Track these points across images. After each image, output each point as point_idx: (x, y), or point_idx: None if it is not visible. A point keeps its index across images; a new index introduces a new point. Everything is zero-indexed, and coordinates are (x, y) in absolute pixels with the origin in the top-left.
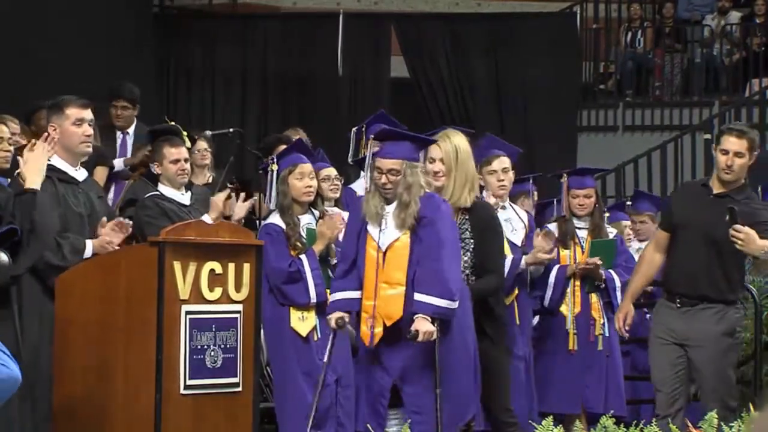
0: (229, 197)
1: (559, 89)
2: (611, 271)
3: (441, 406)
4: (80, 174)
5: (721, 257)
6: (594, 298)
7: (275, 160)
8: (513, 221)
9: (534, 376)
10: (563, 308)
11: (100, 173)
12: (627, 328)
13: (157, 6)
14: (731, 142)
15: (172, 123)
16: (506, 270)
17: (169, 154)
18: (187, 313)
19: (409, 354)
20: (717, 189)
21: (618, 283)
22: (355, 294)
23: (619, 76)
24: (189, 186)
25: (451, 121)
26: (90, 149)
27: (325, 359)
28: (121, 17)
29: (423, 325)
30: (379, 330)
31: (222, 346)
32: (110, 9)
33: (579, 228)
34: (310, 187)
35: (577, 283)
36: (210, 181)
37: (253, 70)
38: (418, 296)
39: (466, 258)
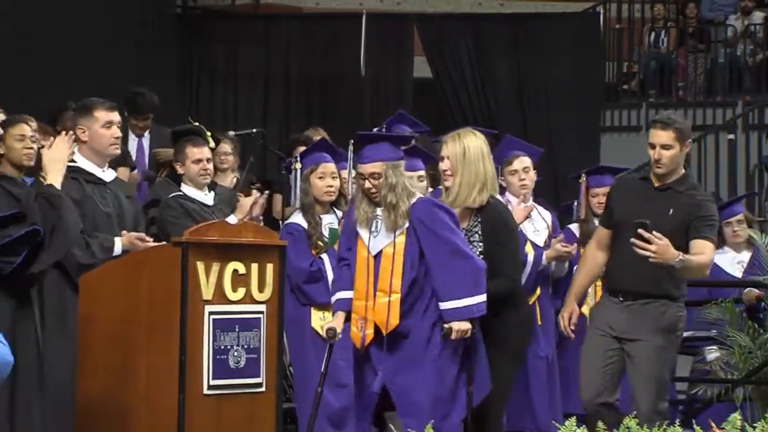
0: (256, 201)
1: (582, 89)
2: None
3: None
4: (108, 175)
5: None
6: None
7: (299, 158)
8: (536, 222)
9: (558, 376)
10: (585, 308)
11: (122, 174)
12: (572, 327)
13: (180, 7)
14: (657, 135)
15: (196, 123)
16: (528, 268)
17: (192, 154)
18: (211, 313)
19: (401, 355)
20: (657, 182)
21: None
22: (349, 294)
23: (643, 76)
24: (212, 186)
25: (474, 122)
26: (119, 151)
27: (322, 369)
28: (144, 18)
29: (457, 323)
30: (370, 332)
31: (245, 346)
32: (133, 10)
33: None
34: (332, 187)
35: (599, 282)
36: (235, 182)
37: (276, 71)
38: (443, 305)
39: None
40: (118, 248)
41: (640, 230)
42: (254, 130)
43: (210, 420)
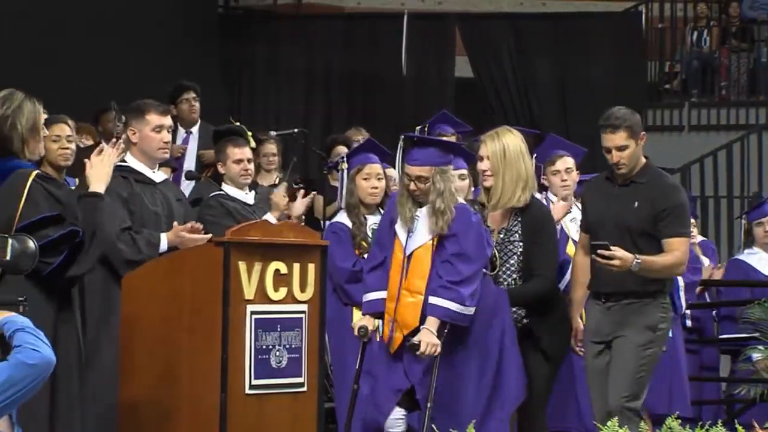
0: (288, 195)
1: (624, 89)
2: None
3: (430, 419)
4: (158, 176)
5: (638, 247)
6: None
7: (345, 158)
8: (579, 221)
9: None
10: None
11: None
12: (580, 344)
13: (222, 7)
14: (609, 139)
15: (237, 123)
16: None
17: (233, 154)
18: (253, 313)
19: (434, 361)
20: (620, 180)
21: (681, 283)
22: (385, 294)
23: (685, 76)
24: (253, 186)
25: (515, 121)
26: (167, 155)
27: (357, 366)
28: (186, 18)
29: (427, 337)
30: (398, 335)
31: (287, 346)
32: (175, 10)
33: None
34: (376, 188)
35: None
36: (277, 182)
37: (318, 70)
38: (431, 299)
39: (512, 262)
40: (164, 244)
41: (600, 251)
42: (296, 130)
43: (252, 420)
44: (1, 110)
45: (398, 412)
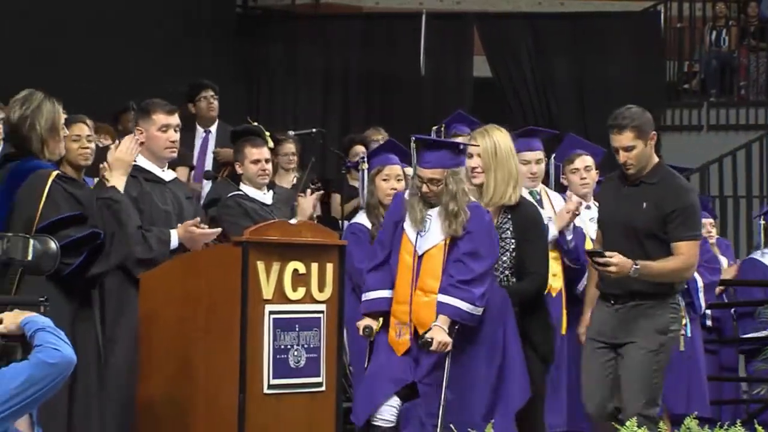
0: (315, 202)
1: (643, 88)
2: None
3: (444, 416)
4: (167, 174)
5: (645, 248)
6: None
7: (365, 158)
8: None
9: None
10: None
11: (181, 173)
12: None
13: (240, 7)
14: (616, 140)
15: (255, 123)
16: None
17: (250, 155)
18: (271, 313)
19: (438, 359)
20: (630, 178)
21: (700, 284)
22: (387, 293)
23: (704, 76)
24: (271, 185)
25: (534, 121)
26: (174, 154)
27: (365, 364)
28: (204, 18)
29: (439, 335)
30: (407, 338)
31: (305, 345)
32: (194, 10)
33: None
34: (395, 189)
35: None
36: (295, 182)
37: (336, 70)
38: (440, 297)
39: (504, 258)
40: (174, 241)
41: (596, 259)
42: (314, 130)
43: (270, 420)
44: (20, 111)
45: (393, 401)
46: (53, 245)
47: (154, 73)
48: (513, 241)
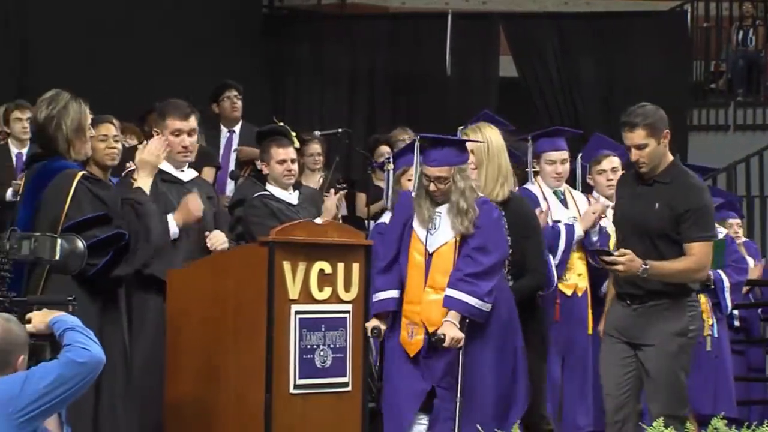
0: (339, 201)
1: (670, 88)
2: (720, 271)
3: (461, 413)
4: (186, 174)
5: (658, 248)
6: (702, 298)
7: (391, 159)
8: None
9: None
10: None
11: (208, 174)
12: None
13: (266, 7)
14: (628, 138)
15: (281, 124)
16: None
17: (276, 155)
18: (297, 313)
19: (451, 360)
20: (644, 177)
21: (727, 284)
22: (396, 294)
23: (730, 75)
24: (297, 185)
25: (560, 121)
26: (188, 158)
27: (376, 366)
28: (230, 18)
29: (451, 330)
30: (420, 338)
31: (331, 345)
32: (220, 10)
33: None
34: None
35: None
36: (321, 182)
37: (362, 70)
38: (448, 291)
39: None
40: (174, 227)
41: (603, 258)
42: (340, 130)
43: (296, 419)
44: (46, 111)
45: (420, 419)
46: (80, 245)
47: (180, 73)
48: (509, 238)
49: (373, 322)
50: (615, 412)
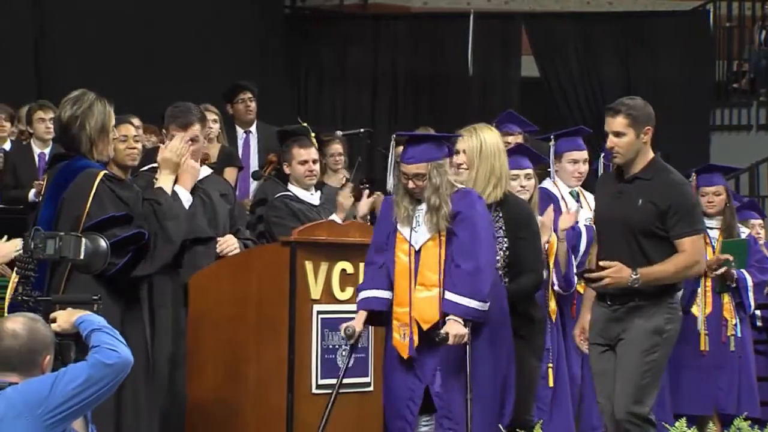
0: (354, 195)
1: (692, 88)
2: (743, 270)
3: (472, 411)
4: (201, 172)
5: (642, 247)
6: (726, 298)
7: None
8: None
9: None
10: (694, 309)
11: (230, 174)
12: (584, 341)
13: (288, 7)
14: (608, 123)
15: (305, 124)
16: None
17: (298, 155)
18: (319, 312)
19: (445, 358)
20: (624, 174)
21: (750, 283)
22: (384, 294)
23: (753, 75)
24: (320, 186)
25: (582, 121)
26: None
27: (342, 369)
28: (252, 19)
29: (454, 328)
30: (415, 338)
31: None
32: (242, 11)
33: (710, 228)
34: None
35: (708, 283)
36: (343, 181)
37: (384, 70)
38: (448, 295)
39: (498, 257)
40: (183, 194)
41: (586, 276)
42: (362, 130)
43: (318, 419)
44: (71, 110)
45: (426, 421)
46: (104, 244)
47: (201, 73)
48: (506, 239)
49: (351, 322)
50: (610, 420)
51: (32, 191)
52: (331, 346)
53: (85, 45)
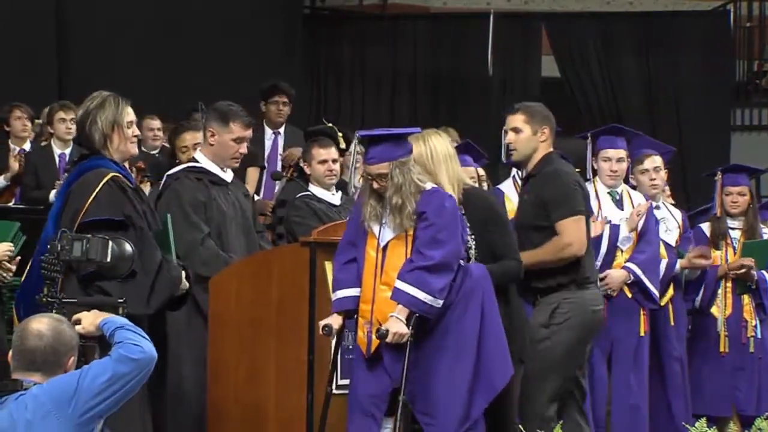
0: None
1: (712, 88)
2: (764, 272)
3: (402, 412)
4: (228, 175)
5: (533, 243)
6: (746, 299)
7: None
8: (667, 221)
9: (687, 377)
10: (714, 310)
11: (252, 174)
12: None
13: (307, 7)
14: (507, 120)
15: (330, 125)
16: (661, 273)
17: (318, 155)
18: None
19: (412, 358)
20: (525, 173)
21: None
22: (355, 292)
23: None
24: (341, 186)
25: (602, 121)
26: (237, 164)
27: (330, 367)
28: (272, 19)
29: (395, 326)
30: (373, 337)
31: None
32: (261, 11)
33: (732, 228)
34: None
35: (729, 284)
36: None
37: (403, 70)
38: (397, 283)
39: (471, 255)
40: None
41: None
42: None
43: (339, 419)
44: (84, 108)
45: (388, 422)
46: (128, 248)
47: (221, 73)
48: (472, 236)
49: (327, 320)
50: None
51: (53, 192)
52: (350, 347)
53: (107, 46)
